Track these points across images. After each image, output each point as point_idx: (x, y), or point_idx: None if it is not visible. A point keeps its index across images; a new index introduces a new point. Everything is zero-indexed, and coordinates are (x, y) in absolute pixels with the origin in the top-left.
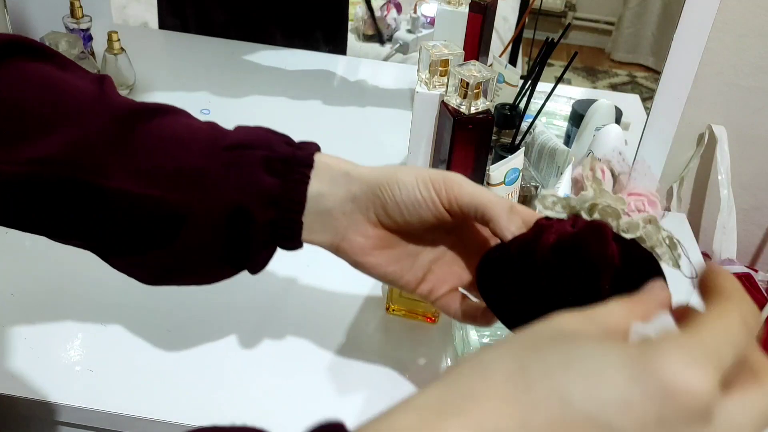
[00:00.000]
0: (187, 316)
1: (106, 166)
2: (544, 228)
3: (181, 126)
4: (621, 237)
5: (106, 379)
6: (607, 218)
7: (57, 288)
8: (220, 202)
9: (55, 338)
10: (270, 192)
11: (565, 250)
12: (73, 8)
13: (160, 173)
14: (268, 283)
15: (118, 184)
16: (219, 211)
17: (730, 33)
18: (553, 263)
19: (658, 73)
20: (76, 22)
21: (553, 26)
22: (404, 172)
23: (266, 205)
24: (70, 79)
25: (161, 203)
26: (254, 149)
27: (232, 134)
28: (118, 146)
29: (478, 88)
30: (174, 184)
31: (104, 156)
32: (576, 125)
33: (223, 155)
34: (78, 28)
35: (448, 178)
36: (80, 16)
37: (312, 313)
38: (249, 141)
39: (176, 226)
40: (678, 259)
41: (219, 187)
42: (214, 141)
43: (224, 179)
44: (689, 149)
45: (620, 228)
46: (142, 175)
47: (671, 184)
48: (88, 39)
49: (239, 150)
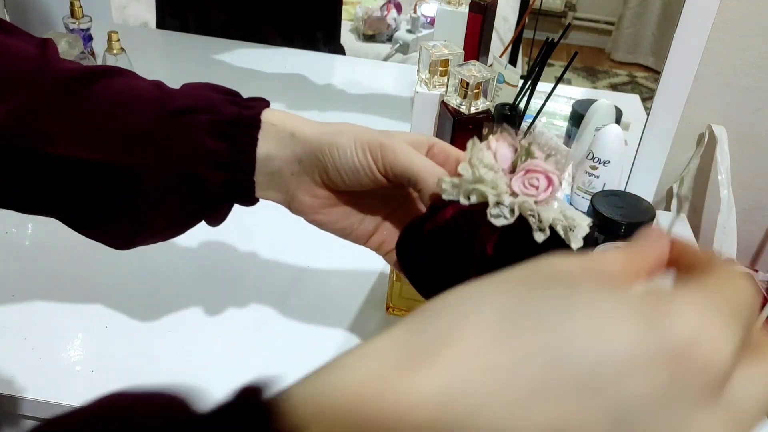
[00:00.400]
0: (188, 316)
1: (50, 132)
2: (435, 210)
3: (126, 88)
4: (504, 221)
5: (106, 379)
6: (486, 200)
7: (57, 288)
8: (170, 168)
9: (55, 338)
10: (218, 156)
11: (437, 236)
12: (73, 8)
13: (107, 138)
14: (268, 283)
15: (64, 151)
16: (170, 176)
17: (730, 33)
18: (429, 248)
19: (658, 73)
20: (76, 22)
21: (553, 26)
22: (344, 135)
23: (216, 168)
24: (13, 44)
25: (112, 168)
26: (199, 113)
27: (177, 95)
28: (63, 112)
29: (478, 88)
30: (122, 148)
31: (48, 123)
32: (576, 125)
33: (169, 121)
34: (78, 28)
35: (384, 145)
36: (80, 16)
37: (312, 313)
38: (194, 104)
39: (133, 190)
40: (576, 238)
41: (167, 153)
42: (161, 103)
43: (172, 145)
44: (689, 149)
45: (497, 213)
46: (89, 140)
47: (671, 184)
48: (88, 39)
49: (185, 116)
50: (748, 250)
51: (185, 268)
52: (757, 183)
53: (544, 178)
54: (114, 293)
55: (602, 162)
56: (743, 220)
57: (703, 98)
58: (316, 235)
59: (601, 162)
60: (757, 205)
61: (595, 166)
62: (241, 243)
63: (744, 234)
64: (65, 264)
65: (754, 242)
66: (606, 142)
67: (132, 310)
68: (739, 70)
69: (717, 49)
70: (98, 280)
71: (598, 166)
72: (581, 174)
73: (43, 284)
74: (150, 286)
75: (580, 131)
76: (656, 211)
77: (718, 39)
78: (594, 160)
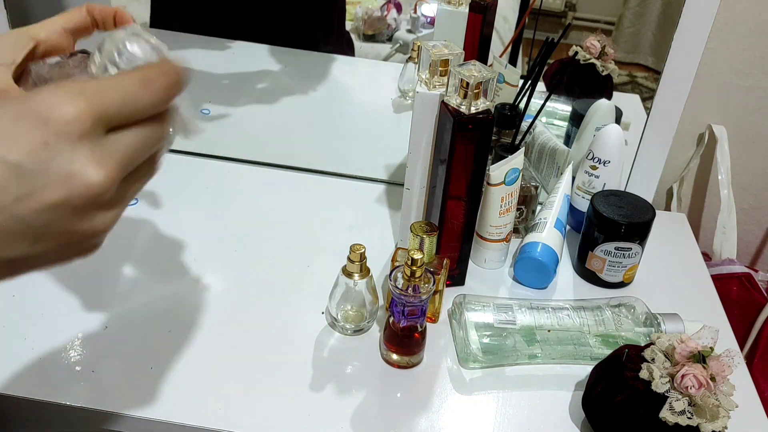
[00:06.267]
0: (187, 317)
1: None
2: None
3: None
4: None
5: (106, 379)
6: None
7: (57, 288)
8: None
9: (55, 338)
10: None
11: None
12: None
13: None
14: (268, 283)
15: None
16: None
17: (730, 33)
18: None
19: (658, 73)
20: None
21: (553, 26)
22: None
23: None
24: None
25: None
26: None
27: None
28: None
29: (478, 88)
30: None
31: None
32: (576, 125)
33: None
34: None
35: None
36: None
37: (312, 313)
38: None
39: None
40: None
41: None
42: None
43: None
44: (689, 149)
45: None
46: None
47: (671, 184)
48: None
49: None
50: (748, 250)
51: (185, 268)
52: (757, 183)
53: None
54: (114, 293)
55: (602, 162)
56: (743, 220)
57: (703, 98)
58: (316, 236)
59: (601, 162)
60: (757, 205)
61: (595, 166)
62: (241, 243)
63: (744, 234)
64: (65, 265)
65: (754, 242)
66: (606, 142)
67: (132, 310)
68: (739, 70)
69: (717, 49)
70: (98, 280)
71: (598, 166)
72: (581, 174)
73: (43, 284)
74: (150, 287)
75: (580, 131)
76: (656, 211)
77: (718, 39)
78: (594, 160)
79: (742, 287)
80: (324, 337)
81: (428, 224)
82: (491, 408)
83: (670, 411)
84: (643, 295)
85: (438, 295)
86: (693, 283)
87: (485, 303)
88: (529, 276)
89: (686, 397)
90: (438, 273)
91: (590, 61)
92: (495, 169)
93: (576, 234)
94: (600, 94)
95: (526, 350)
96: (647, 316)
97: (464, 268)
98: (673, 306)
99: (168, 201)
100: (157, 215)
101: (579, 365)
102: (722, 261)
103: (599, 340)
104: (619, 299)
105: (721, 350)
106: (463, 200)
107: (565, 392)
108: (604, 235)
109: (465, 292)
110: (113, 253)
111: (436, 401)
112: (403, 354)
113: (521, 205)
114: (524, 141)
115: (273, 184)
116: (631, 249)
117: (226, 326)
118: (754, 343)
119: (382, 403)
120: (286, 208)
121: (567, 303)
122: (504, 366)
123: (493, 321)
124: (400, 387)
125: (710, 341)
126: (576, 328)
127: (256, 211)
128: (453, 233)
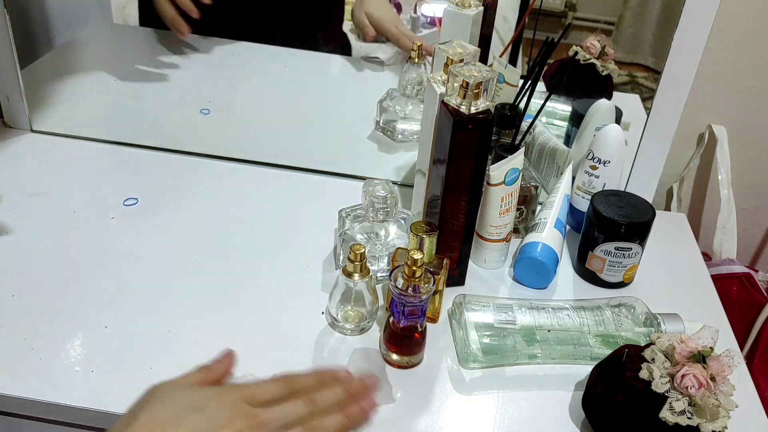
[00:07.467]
0: (187, 316)
1: None
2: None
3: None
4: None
5: (106, 379)
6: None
7: (57, 288)
8: None
9: (55, 338)
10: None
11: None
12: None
13: None
14: (269, 283)
15: None
16: None
17: (730, 33)
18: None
19: (658, 73)
20: None
21: (553, 26)
22: None
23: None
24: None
25: None
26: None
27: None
28: None
29: (478, 88)
30: None
31: None
32: (576, 125)
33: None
34: None
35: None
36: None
37: (312, 313)
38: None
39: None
40: None
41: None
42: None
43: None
44: (689, 149)
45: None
46: None
47: (671, 184)
48: None
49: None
50: (748, 250)
51: (185, 268)
52: (757, 183)
53: None
54: (114, 293)
55: (602, 162)
56: (743, 220)
57: (703, 98)
58: (316, 236)
59: (601, 162)
60: (757, 205)
61: (595, 166)
62: (241, 243)
63: (744, 234)
64: (65, 264)
65: (754, 242)
66: (606, 142)
67: (132, 310)
68: (739, 70)
69: (717, 49)
70: (98, 280)
71: (598, 166)
72: (581, 174)
73: (43, 284)
74: (150, 287)
75: (580, 131)
76: (656, 211)
77: (718, 39)
78: (594, 160)
79: (742, 287)
80: (324, 337)
81: (428, 224)
82: (491, 408)
83: (670, 411)
84: (643, 295)
85: (438, 295)
86: (693, 283)
87: (485, 303)
88: (529, 276)
89: (686, 397)
90: (438, 273)
91: (590, 61)
92: (495, 169)
93: (576, 234)
94: (600, 94)
95: (526, 350)
96: (647, 316)
97: (464, 268)
98: (673, 306)
99: (168, 201)
100: (157, 215)
101: (579, 365)
102: (722, 261)
103: (599, 340)
104: (619, 299)
105: (721, 350)
106: (463, 200)
107: (565, 392)
108: (604, 235)
109: (465, 292)
110: (113, 253)
111: (436, 401)
112: (403, 354)
113: (521, 205)
114: (524, 141)
115: (272, 183)
116: (631, 249)
117: (226, 326)
118: (754, 343)
119: (381, 403)
120: (286, 207)
121: (567, 303)
122: (504, 366)
123: (493, 321)
124: (400, 387)
125: (710, 341)
126: (576, 328)
127: (255, 211)
128: (453, 233)
